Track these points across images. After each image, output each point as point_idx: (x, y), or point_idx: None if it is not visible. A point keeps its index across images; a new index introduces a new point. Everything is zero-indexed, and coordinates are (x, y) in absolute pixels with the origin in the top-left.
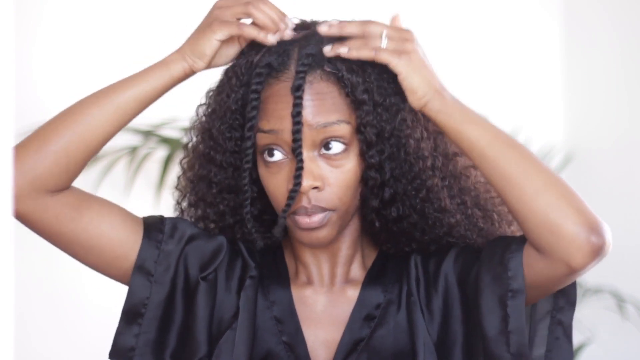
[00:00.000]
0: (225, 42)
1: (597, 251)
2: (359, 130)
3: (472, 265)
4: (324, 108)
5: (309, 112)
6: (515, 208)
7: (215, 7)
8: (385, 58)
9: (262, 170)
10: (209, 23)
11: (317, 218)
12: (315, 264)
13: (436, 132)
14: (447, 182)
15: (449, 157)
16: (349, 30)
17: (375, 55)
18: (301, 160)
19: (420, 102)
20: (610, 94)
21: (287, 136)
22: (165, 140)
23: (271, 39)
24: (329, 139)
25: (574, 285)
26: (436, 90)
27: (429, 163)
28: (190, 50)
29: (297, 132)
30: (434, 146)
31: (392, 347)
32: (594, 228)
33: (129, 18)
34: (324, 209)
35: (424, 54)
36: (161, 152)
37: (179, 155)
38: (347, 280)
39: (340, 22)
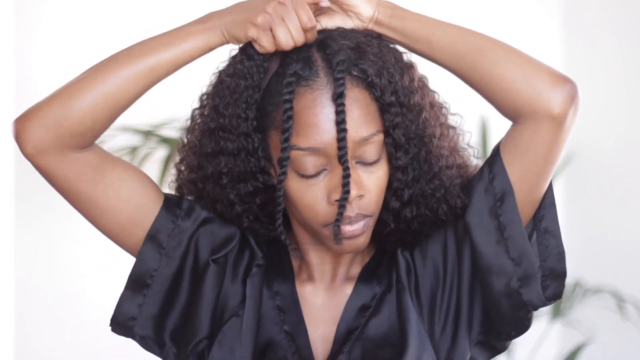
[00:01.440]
0: None
1: (573, 95)
2: (387, 133)
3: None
4: (363, 119)
5: (351, 125)
6: (486, 78)
7: (261, 8)
8: None
9: (295, 184)
10: (253, 16)
11: (359, 225)
12: (319, 264)
13: (452, 128)
14: (459, 181)
15: (458, 151)
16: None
17: None
18: (347, 168)
19: (371, 4)
20: (610, 93)
21: (330, 150)
22: (165, 140)
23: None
24: (367, 148)
25: (550, 189)
26: None
27: (448, 162)
28: (228, 29)
29: (342, 139)
30: (450, 143)
31: (386, 334)
32: (563, 76)
33: (129, 18)
34: (364, 216)
35: None
36: (161, 152)
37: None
38: (347, 278)
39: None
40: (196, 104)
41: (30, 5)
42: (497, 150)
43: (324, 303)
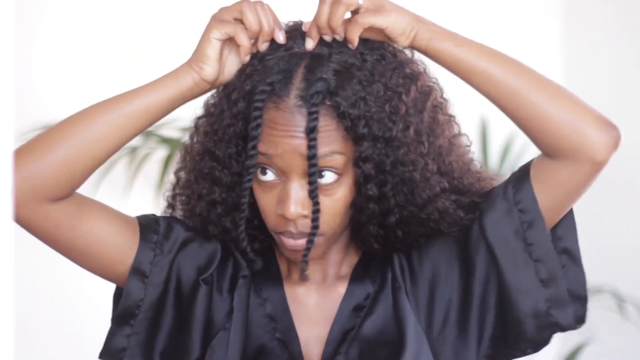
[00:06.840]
0: (230, 51)
1: (617, 142)
2: (356, 163)
3: (471, 226)
4: (319, 141)
5: (305, 143)
6: (531, 118)
7: (213, 15)
8: (369, 21)
9: (256, 187)
10: (207, 26)
11: (302, 241)
12: (308, 265)
13: (439, 154)
14: (455, 198)
15: (454, 177)
16: (325, 19)
17: (360, 23)
18: (317, 203)
19: (409, 39)
20: (610, 94)
21: (280, 162)
22: (165, 140)
23: (246, 58)
24: (322, 169)
25: (570, 212)
26: (417, 20)
27: (437, 189)
28: (194, 56)
29: (312, 174)
30: (439, 169)
31: (382, 334)
32: (608, 121)
33: (129, 18)
34: (309, 235)
35: None
36: (161, 152)
37: (179, 155)
38: (338, 277)
39: (313, 23)
40: (199, 111)
41: (30, 5)
42: (526, 174)
43: (317, 303)
